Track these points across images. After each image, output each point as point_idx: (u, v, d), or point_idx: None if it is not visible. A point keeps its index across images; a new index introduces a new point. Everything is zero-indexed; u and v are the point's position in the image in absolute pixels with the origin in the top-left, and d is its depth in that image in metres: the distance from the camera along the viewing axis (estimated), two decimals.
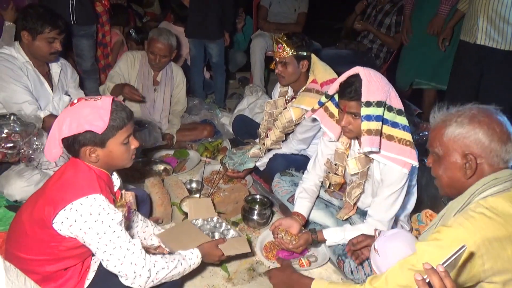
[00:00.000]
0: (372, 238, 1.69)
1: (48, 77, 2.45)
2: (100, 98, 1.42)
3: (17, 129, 1.93)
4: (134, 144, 1.50)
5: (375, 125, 1.64)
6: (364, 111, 1.64)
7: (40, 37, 2.27)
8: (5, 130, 1.90)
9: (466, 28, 3.04)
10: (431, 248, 1.17)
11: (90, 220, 1.33)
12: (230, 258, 2.05)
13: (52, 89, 2.45)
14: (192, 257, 1.61)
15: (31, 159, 2.04)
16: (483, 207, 1.17)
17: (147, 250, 1.58)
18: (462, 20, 3.17)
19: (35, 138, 2.01)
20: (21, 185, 2.19)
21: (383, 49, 4.08)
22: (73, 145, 1.40)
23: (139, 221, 1.83)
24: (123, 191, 1.62)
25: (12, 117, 1.93)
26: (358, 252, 1.74)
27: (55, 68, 2.48)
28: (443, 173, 1.34)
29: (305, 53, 2.38)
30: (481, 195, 1.22)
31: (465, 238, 1.12)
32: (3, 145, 1.90)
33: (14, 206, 2.21)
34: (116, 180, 1.60)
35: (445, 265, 0.92)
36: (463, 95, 2.95)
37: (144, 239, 1.84)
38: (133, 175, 2.61)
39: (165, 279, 1.49)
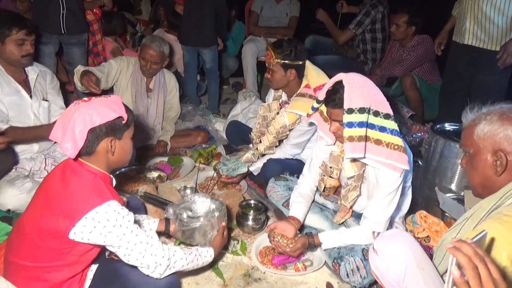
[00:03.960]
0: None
1: (25, 84, 2.41)
2: (109, 96, 1.51)
3: None
4: (132, 141, 1.57)
5: (357, 131, 1.65)
6: (346, 118, 1.65)
7: (8, 40, 2.23)
8: None
9: (456, 29, 3.08)
10: None
11: (109, 226, 1.38)
12: (225, 265, 2.06)
13: (30, 96, 2.41)
14: (206, 255, 1.72)
15: None
16: None
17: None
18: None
19: None
20: (13, 193, 2.19)
21: (370, 55, 4.13)
22: (98, 136, 1.43)
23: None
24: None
25: None
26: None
27: (31, 74, 2.44)
28: (475, 172, 1.33)
29: (293, 63, 2.37)
30: None
31: (503, 244, 1.09)
32: None
33: (7, 217, 2.20)
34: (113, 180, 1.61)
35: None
36: (456, 94, 2.98)
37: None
38: (127, 182, 2.60)
39: (181, 269, 1.59)
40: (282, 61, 2.35)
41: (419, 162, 2.65)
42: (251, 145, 2.74)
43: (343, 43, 4.14)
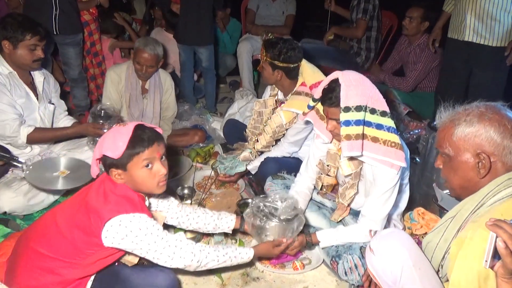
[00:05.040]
0: None
1: (32, 86, 2.42)
2: (127, 124, 1.49)
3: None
4: (159, 169, 1.49)
5: (354, 129, 1.65)
6: (343, 116, 1.64)
7: (21, 45, 2.24)
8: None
9: (454, 25, 3.06)
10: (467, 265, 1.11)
11: (141, 234, 1.44)
12: None
13: (37, 98, 2.42)
14: (244, 257, 1.69)
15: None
16: (500, 214, 1.12)
17: None
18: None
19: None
20: (10, 196, 2.18)
21: (364, 45, 4.09)
22: (104, 165, 1.50)
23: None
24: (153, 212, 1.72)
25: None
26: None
27: (38, 78, 2.46)
28: (455, 174, 1.30)
29: (280, 64, 2.36)
30: (496, 196, 1.18)
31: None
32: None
33: (3, 219, 2.19)
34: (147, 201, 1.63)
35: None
36: (453, 92, 2.98)
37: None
38: None
39: (213, 268, 1.64)
40: (270, 60, 2.36)
41: (417, 159, 2.65)
42: (246, 143, 2.74)
43: (363, 35, 3.98)
